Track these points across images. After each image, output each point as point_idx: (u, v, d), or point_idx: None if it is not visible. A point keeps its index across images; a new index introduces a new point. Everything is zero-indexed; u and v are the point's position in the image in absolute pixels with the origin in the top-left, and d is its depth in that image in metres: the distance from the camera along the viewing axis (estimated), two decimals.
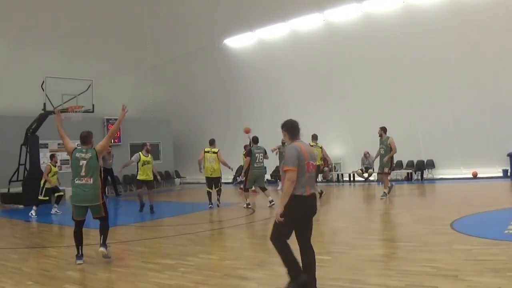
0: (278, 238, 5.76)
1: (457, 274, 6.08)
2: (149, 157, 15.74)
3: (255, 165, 15.12)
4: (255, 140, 15.57)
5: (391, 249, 8.08)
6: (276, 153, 19.57)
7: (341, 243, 8.75)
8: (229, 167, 15.97)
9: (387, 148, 15.30)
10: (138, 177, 15.70)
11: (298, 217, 5.74)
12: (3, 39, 21.73)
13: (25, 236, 12.32)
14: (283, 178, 5.80)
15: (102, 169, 8.87)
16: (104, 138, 8.65)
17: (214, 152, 15.87)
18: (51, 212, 16.03)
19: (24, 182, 20.13)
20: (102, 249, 8.28)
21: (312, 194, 5.84)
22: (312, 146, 15.85)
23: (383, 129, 15.64)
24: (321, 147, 16.98)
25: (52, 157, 16.65)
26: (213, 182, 16.01)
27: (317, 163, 16.40)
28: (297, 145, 5.81)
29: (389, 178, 15.96)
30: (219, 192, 16.07)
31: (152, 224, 13.24)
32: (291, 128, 6.01)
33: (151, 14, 24.10)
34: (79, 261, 8.25)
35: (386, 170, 15.48)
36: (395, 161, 22.28)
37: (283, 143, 18.71)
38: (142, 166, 15.49)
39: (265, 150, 15.69)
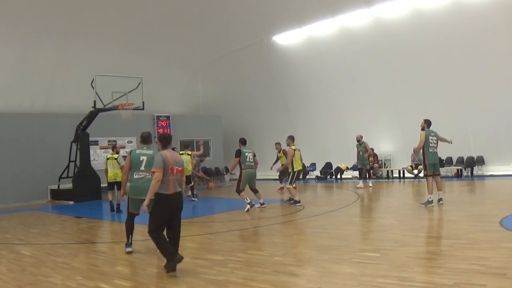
0: (155, 230, 7.27)
1: (505, 272, 6.05)
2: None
3: (247, 164, 14.59)
4: (243, 141, 15.05)
5: (439, 246, 8.05)
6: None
7: (390, 240, 8.75)
8: None
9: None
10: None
11: (165, 210, 7.30)
12: (52, 37, 21.96)
13: (75, 232, 12.63)
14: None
15: None
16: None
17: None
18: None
19: (74, 179, 20.70)
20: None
21: (176, 192, 7.38)
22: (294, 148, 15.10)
23: (426, 122, 13.11)
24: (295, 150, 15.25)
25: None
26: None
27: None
28: (164, 153, 7.42)
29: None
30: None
31: (202, 220, 13.48)
32: (163, 140, 7.76)
33: (200, 12, 24.23)
34: (128, 249, 8.81)
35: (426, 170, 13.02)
36: (444, 158, 22.20)
37: (358, 140, 19.81)
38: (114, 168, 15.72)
39: (254, 153, 14.99)
